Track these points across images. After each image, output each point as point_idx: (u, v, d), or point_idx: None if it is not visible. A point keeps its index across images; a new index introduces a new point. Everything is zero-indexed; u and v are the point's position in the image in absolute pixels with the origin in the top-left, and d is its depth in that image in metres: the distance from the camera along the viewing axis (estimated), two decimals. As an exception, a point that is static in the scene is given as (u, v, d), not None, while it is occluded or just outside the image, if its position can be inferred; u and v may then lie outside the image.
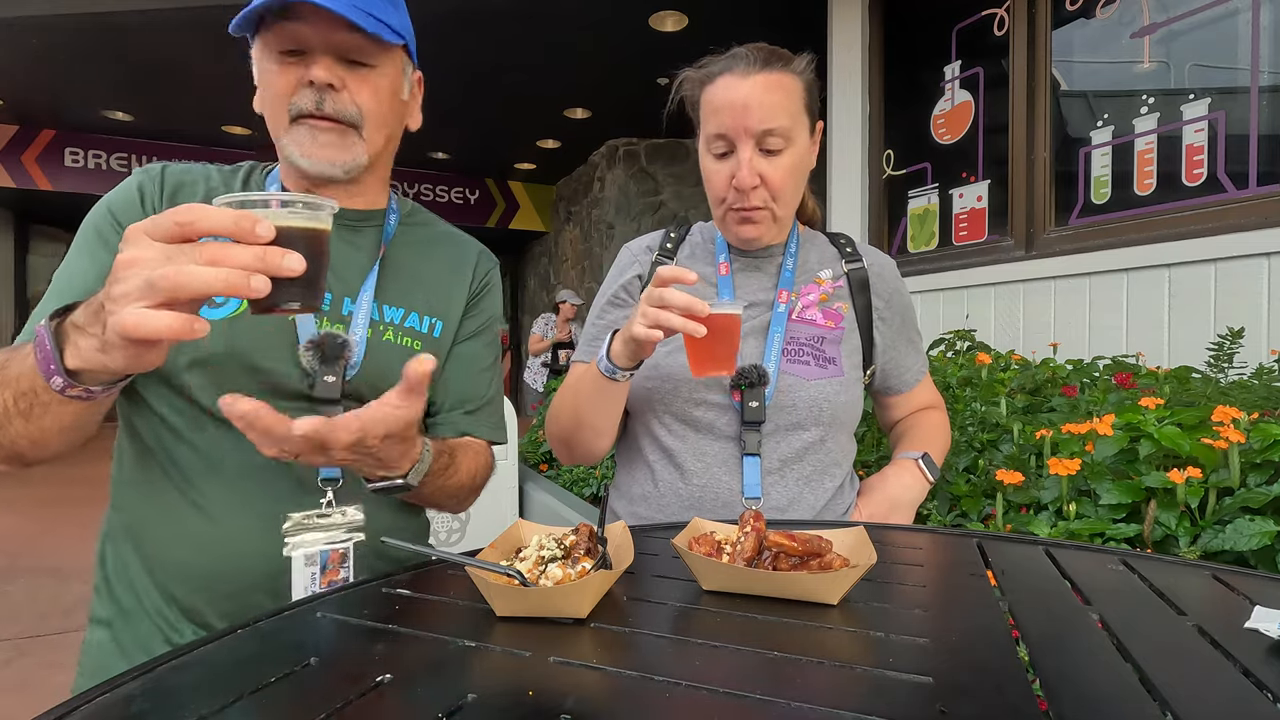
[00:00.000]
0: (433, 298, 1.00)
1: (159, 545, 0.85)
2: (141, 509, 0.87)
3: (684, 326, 0.82)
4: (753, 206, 1.04)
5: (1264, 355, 1.96)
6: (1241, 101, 2.19)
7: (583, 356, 1.14)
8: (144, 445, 0.87)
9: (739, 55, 1.03)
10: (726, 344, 0.87)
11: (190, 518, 0.85)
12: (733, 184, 1.03)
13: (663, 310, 0.83)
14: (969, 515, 1.40)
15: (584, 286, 7.75)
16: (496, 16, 4.47)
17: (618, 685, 0.47)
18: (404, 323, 0.96)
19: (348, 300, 0.92)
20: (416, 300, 0.98)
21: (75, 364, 0.60)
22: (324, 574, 0.86)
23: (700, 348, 0.87)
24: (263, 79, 0.88)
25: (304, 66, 0.85)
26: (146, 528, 0.86)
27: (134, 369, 0.59)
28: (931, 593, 0.65)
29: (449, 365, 1.02)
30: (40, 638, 2.70)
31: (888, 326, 1.16)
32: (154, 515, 0.86)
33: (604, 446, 1.09)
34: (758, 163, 1.02)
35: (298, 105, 0.85)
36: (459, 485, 0.93)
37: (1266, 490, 1.04)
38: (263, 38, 0.86)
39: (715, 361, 0.88)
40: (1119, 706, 0.44)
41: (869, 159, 3.48)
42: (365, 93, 0.88)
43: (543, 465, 3.50)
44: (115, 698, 0.46)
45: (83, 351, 0.59)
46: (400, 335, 0.96)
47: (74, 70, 5.39)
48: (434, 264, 1.02)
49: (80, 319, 0.60)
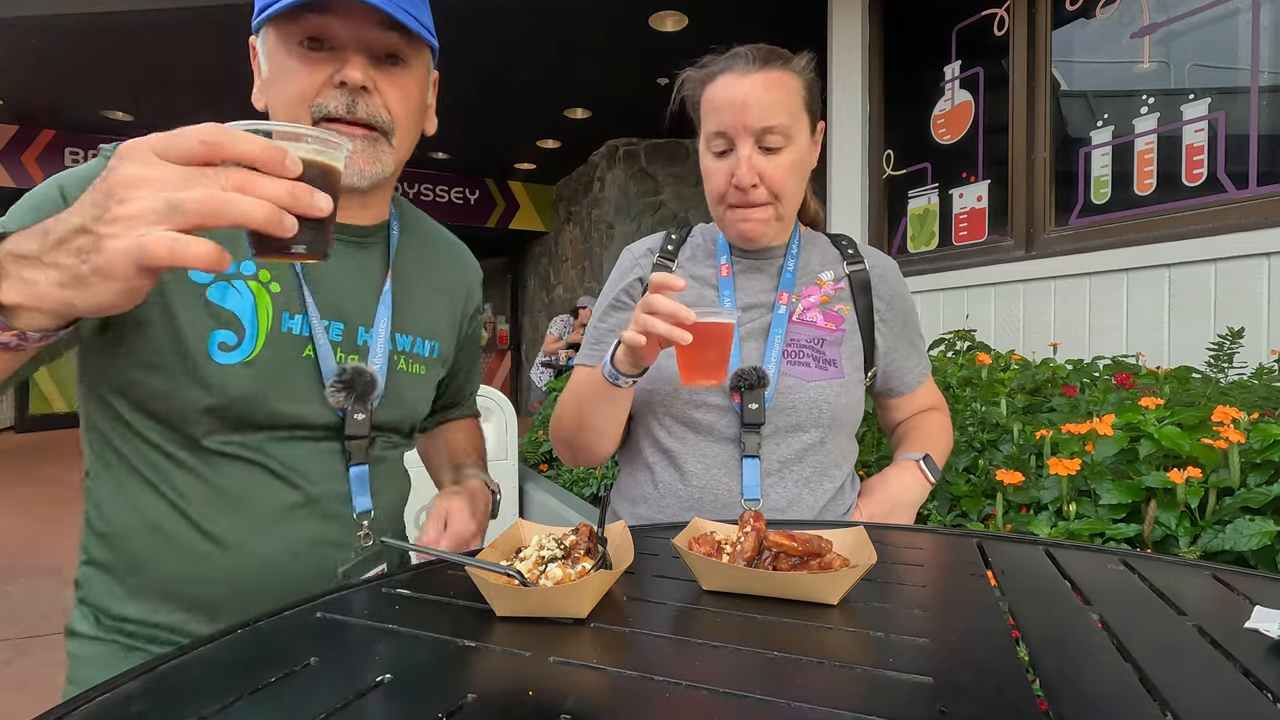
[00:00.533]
0: (434, 320, 0.98)
1: (157, 572, 0.79)
2: (134, 538, 0.79)
3: (669, 334, 0.81)
4: (752, 204, 1.04)
5: (1264, 355, 1.96)
6: (1241, 101, 2.19)
7: (585, 360, 1.14)
8: (133, 472, 0.80)
9: (739, 54, 1.03)
10: (715, 352, 0.86)
11: (201, 548, 0.79)
12: (732, 182, 1.03)
13: (649, 316, 0.83)
14: (969, 515, 1.40)
15: (584, 286, 7.75)
16: (497, 16, 4.47)
17: (618, 685, 0.47)
18: (412, 349, 0.94)
19: (362, 329, 0.87)
20: (421, 325, 0.95)
21: (13, 299, 0.49)
22: None
23: (688, 355, 0.86)
24: (278, 74, 0.79)
25: (332, 64, 0.77)
26: (140, 555, 0.79)
27: (105, 309, 0.49)
28: (931, 593, 0.65)
29: (451, 370, 1.03)
30: (40, 638, 2.70)
31: (889, 328, 1.16)
32: (152, 544, 0.79)
33: (608, 449, 1.09)
34: (757, 160, 1.02)
35: (324, 107, 0.78)
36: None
37: (1266, 490, 1.04)
38: (278, 28, 0.77)
39: (703, 370, 0.86)
40: (1119, 706, 0.44)
41: (869, 159, 3.48)
42: (396, 96, 0.81)
43: (543, 465, 3.50)
44: (115, 698, 0.46)
45: (31, 285, 0.49)
46: (410, 363, 0.93)
47: (74, 70, 5.38)
48: (432, 280, 0.98)
49: (27, 247, 0.49)
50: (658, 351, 0.90)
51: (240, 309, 0.78)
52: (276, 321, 0.81)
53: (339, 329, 0.85)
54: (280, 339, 0.81)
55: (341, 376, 0.83)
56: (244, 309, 0.78)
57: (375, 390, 0.86)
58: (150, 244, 0.45)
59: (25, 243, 0.49)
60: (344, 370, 0.83)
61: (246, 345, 0.78)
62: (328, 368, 0.83)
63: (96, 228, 0.46)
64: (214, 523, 0.79)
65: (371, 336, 0.88)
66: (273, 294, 0.81)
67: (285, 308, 0.82)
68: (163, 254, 0.45)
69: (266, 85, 0.82)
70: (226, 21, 4.42)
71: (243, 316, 0.78)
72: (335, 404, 0.83)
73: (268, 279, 0.81)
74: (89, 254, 0.47)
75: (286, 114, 0.79)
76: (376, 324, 0.88)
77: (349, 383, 0.83)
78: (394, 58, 0.81)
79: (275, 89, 0.80)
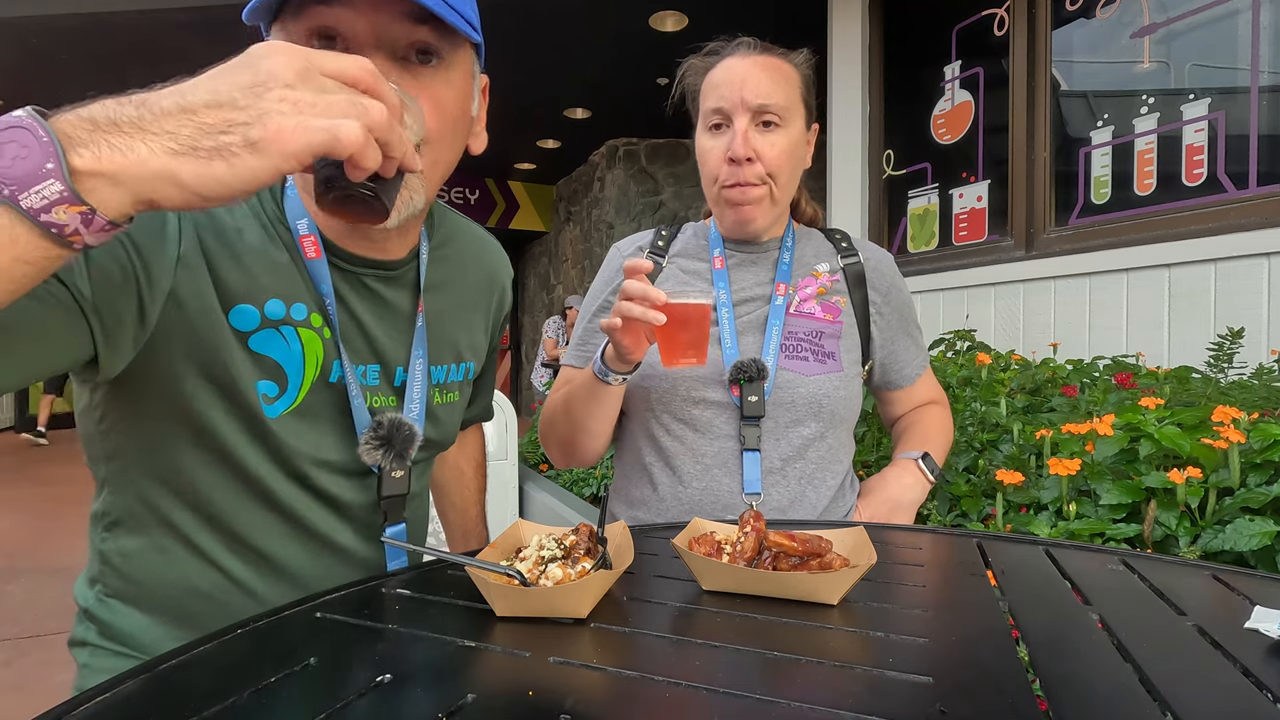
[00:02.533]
0: (469, 341, 0.90)
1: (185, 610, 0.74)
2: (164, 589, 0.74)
3: (643, 315, 0.83)
4: (748, 182, 1.03)
5: (1264, 355, 1.96)
6: (1241, 101, 2.19)
7: (573, 361, 1.14)
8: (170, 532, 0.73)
9: (741, 42, 1.06)
10: (693, 332, 0.88)
11: (235, 600, 0.74)
12: (727, 155, 1.03)
13: (624, 301, 0.85)
14: (969, 515, 1.40)
15: (584, 286, 7.75)
16: (497, 16, 4.47)
17: (618, 685, 0.47)
18: (447, 379, 0.87)
19: (400, 370, 0.79)
20: (455, 351, 0.88)
21: (91, 164, 0.42)
22: None
23: (666, 336, 0.88)
24: None
25: None
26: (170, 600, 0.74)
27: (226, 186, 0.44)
28: (931, 593, 0.65)
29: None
30: (40, 638, 2.69)
31: (885, 321, 1.16)
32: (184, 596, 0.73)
33: (598, 450, 1.09)
34: (754, 136, 1.02)
35: None
36: None
37: (1266, 490, 1.04)
38: (283, 24, 0.65)
39: (682, 349, 0.88)
40: (1119, 706, 0.44)
41: (869, 159, 3.48)
42: (427, 105, 0.66)
43: (543, 465, 3.50)
44: (115, 697, 0.46)
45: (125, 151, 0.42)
46: (445, 394, 0.87)
47: (74, 70, 5.38)
48: (466, 297, 0.90)
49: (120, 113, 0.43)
50: (643, 344, 0.91)
51: (285, 357, 0.70)
52: (325, 370, 0.73)
53: (375, 372, 0.78)
54: (324, 389, 0.73)
55: (377, 431, 0.74)
56: (289, 357, 0.71)
57: (415, 444, 0.77)
58: (345, 132, 0.44)
59: (115, 110, 0.44)
60: (379, 424, 0.74)
61: (289, 395, 0.71)
62: (361, 419, 0.74)
63: (256, 103, 0.44)
64: (250, 581, 0.74)
65: (409, 376, 0.80)
66: (324, 339, 0.73)
67: (334, 356, 0.74)
68: (356, 144, 0.45)
69: None
70: (227, 21, 4.42)
71: (286, 365, 0.70)
72: (370, 461, 0.75)
73: (319, 324, 0.72)
74: (241, 126, 0.44)
75: None
76: (412, 362, 0.80)
77: (386, 438, 0.75)
78: (425, 54, 0.66)
79: None
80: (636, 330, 0.88)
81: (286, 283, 0.70)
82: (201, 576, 0.73)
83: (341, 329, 0.74)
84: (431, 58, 0.66)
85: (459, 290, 0.88)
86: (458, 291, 0.88)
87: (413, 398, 0.79)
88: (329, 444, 0.74)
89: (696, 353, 0.88)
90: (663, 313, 0.83)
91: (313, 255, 0.72)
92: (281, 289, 0.70)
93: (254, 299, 0.68)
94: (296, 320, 0.71)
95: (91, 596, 0.77)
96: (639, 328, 0.87)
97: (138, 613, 0.75)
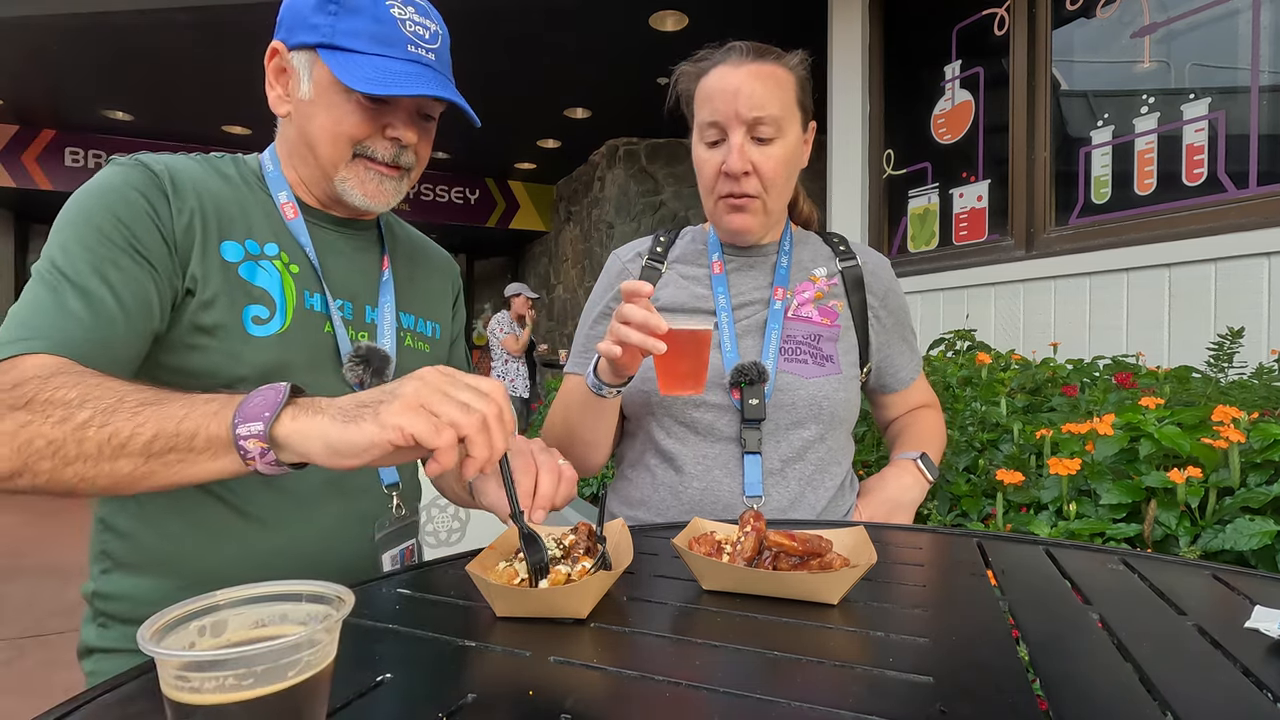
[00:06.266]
0: (429, 303, 1.03)
1: (194, 563, 0.80)
2: (166, 529, 0.80)
3: (643, 344, 0.81)
4: (744, 194, 1.04)
5: (1264, 355, 1.96)
6: (1241, 101, 2.19)
7: (574, 368, 1.13)
8: None
9: (733, 48, 1.04)
10: (692, 360, 0.86)
11: (238, 527, 0.80)
12: (723, 169, 1.03)
13: (623, 326, 0.83)
14: (969, 515, 1.40)
15: (584, 286, 7.75)
16: (497, 16, 4.47)
17: (618, 685, 0.47)
18: (416, 327, 0.99)
19: (369, 308, 0.93)
20: (419, 305, 1.01)
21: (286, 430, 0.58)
22: None
23: (664, 365, 0.86)
24: (328, 107, 0.83)
25: (386, 116, 0.84)
26: (174, 546, 0.80)
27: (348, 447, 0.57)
28: (931, 593, 0.65)
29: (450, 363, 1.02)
30: (40, 638, 2.70)
31: (882, 325, 1.16)
32: (186, 532, 0.80)
33: (599, 460, 1.09)
34: (749, 150, 1.02)
35: (370, 149, 0.85)
36: None
37: (1266, 490, 1.04)
38: None
39: (680, 379, 0.86)
40: (1119, 706, 0.44)
41: (869, 159, 3.48)
42: (426, 145, 0.91)
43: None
44: (115, 698, 0.46)
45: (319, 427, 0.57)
46: (416, 340, 0.98)
47: (74, 70, 5.38)
48: (425, 267, 1.05)
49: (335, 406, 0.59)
50: (638, 360, 0.90)
51: (270, 285, 0.83)
52: (300, 298, 0.85)
53: (349, 308, 0.90)
54: (304, 315, 0.85)
55: (358, 353, 0.87)
56: (273, 286, 0.83)
57: (390, 366, 0.89)
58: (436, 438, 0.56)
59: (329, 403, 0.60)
60: (359, 347, 0.87)
61: (277, 319, 0.83)
62: (344, 345, 0.87)
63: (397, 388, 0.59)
64: (251, 502, 0.81)
65: (378, 315, 0.93)
66: (293, 274, 0.86)
67: (305, 286, 0.86)
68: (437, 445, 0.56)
69: (306, 107, 0.84)
70: (227, 21, 4.43)
71: (272, 292, 0.83)
72: (353, 379, 0.86)
73: (287, 260, 0.86)
74: (380, 404, 0.58)
75: (329, 144, 0.84)
76: (381, 303, 0.94)
77: (365, 358, 0.86)
78: (428, 117, 0.90)
79: (320, 118, 0.84)
80: (634, 351, 0.86)
81: (263, 228, 0.85)
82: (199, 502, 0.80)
83: (321, 268, 0.88)
84: (432, 117, 0.90)
85: (419, 259, 1.04)
86: (417, 260, 1.04)
87: (383, 334, 0.92)
88: (311, 364, 0.84)
89: (695, 382, 0.87)
90: (665, 341, 0.81)
91: (291, 216, 0.88)
92: (258, 233, 0.84)
93: (235, 237, 0.82)
94: (270, 255, 0.84)
95: (95, 573, 0.83)
96: (637, 350, 0.85)
97: (137, 577, 0.80)
